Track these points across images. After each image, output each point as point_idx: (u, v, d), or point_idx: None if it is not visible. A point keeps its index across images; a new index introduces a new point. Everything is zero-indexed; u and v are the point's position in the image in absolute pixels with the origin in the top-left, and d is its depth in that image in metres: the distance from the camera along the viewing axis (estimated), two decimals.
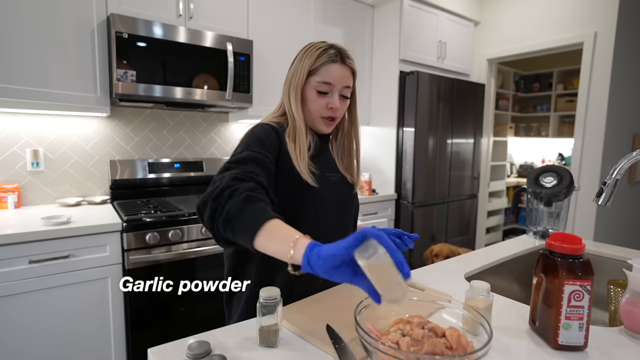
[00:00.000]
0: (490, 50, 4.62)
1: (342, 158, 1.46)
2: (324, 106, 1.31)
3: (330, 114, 1.33)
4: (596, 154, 3.72)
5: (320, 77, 1.30)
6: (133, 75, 2.45)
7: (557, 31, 4.00)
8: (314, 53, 1.31)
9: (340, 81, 1.31)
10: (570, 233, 0.97)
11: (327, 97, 1.31)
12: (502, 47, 4.50)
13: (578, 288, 0.91)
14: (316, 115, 1.33)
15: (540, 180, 1.95)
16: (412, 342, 0.81)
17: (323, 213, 1.31)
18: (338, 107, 1.32)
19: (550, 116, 6.28)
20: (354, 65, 1.35)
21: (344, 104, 1.36)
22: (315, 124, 1.36)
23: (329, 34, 3.65)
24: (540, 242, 1.97)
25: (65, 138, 2.76)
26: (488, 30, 4.62)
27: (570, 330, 0.93)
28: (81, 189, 2.86)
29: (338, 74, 1.30)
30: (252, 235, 0.87)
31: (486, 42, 4.65)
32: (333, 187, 1.36)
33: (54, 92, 2.35)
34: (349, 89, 1.35)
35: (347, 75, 1.33)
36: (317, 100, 1.31)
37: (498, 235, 5.79)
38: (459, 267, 1.58)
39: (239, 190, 0.94)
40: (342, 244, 0.75)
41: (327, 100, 1.31)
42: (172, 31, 2.57)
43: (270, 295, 0.93)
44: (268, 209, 0.93)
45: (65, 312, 2.15)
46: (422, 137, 3.80)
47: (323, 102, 1.31)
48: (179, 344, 0.94)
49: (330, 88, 1.30)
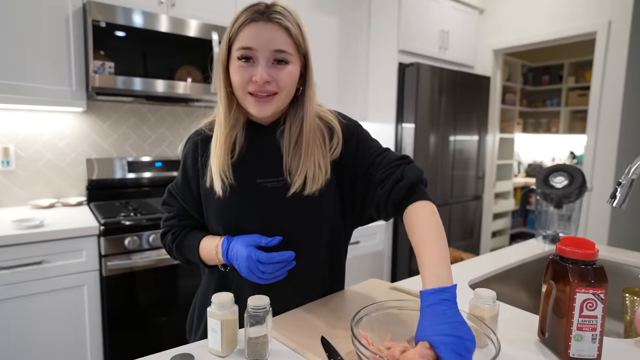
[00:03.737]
0: (496, 40, 4.63)
1: (292, 156, 1.15)
2: (248, 79, 1.06)
3: (257, 88, 1.06)
4: (610, 152, 3.74)
5: (239, 42, 1.06)
6: (111, 67, 2.43)
7: (568, 20, 4.02)
8: (234, 18, 1.09)
9: (265, 43, 1.05)
10: (582, 237, 0.97)
11: (252, 66, 1.06)
12: (509, 36, 4.52)
13: (591, 296, 0.91)
14: (242, 94, 1.09)
15: (550, 181, 1.96)
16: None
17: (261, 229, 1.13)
18: (265, 78, 1.04)
19: (561, 111, 6.31)
20: (287, 21, 1.07)
21: (283, 73, 1.08)
22: (246, 107, 1.12)
23: (322, 22, 3.64)
24: (550, 247, 1.98)
25: (37, 135, 2.75)
26: (493, 18, 4.63)
27: (582, 342, 0.93)
28: (55, 190, 2.84)
29: (261, 34, 1.05)
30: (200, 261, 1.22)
31: (492, 32, 4.66)
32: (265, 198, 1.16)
33: (26, 85, 2.33)
34: (284, 54, 1.07)
35: (276, 35, 1.06)
36: (240, 72, 1.07)
37: (504, 240, 5.81)
38: (463, 273, 1.59)
39: (168, 246, 1.29)
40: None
41: (252, 70, 1.06)
42: (153, 20, 2.56)
43: (259, 304, 0.92)
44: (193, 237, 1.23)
45: (38, 321, 2.13)
46: (422, 134, 3.80)
47: (247, 73, 1.06)
48: (161, 356, 0.93)
49: (254, 54, 1.05)
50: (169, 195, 1.29)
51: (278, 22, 1.06)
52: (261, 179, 1.15)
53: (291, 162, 1.14)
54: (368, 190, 1.17)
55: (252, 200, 1.14)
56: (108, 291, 2.28)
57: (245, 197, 1.14)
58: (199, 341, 1.02)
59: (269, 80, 1.06)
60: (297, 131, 1.15)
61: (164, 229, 1.29)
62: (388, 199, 1.10)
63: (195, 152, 1.20)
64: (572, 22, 3.99)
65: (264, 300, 0.93)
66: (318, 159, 1.14)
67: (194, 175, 1.20)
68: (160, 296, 2.44)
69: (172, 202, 1.28)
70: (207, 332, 0.95)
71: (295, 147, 1.14)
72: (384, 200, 1.11)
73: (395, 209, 1.11)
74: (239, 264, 1.07)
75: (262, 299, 0.94)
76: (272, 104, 1.09)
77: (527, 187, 3.03)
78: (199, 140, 1.22)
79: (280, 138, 1.17)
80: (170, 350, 0.96)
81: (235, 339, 0.96)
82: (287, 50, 1.07)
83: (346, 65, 3.90)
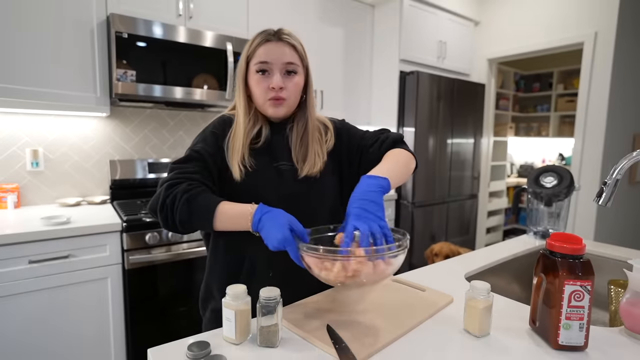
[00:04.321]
0: (491, 50, 4.62)
1: (298, 148, 1.34)
2: (266, 88, 1.26)
3: (274, 94, 1.26)
4: (596, 154, 3.72)
5: (257, 58, 1.25)
6: (133, 75, 2.45)
7: (558, 31, 4.00)
8: (250, 40, 1.29)
9: (278, 58, 1.25)
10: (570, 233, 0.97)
11: (268, 77, 1.26)
12: (503, 46, 4.50)
13: (578, 288, 0.91)
14: (262, 100, 1.28)
15: (541, 180, 1.95)
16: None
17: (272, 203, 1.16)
18: (280, 85, 1.24)
19: (551, 116, 6.28)
20: (293, 40, 1.29)
21: (291, 81, 1.28)
22: (265, 110, 1.30)
23: (328, 33, 3.65)
24: (540, 242, 1.97)
25: (64, 138, 2.76)
26: (488, 30, 4.62)
27: (570, 330, 0.93)
28: (81, 189, 2.86)
29: (274, 51, 1.25)
30: (210, 225, 1.10)
31: (486, 42, 4.65)
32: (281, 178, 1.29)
33: (54, 92, 2.34)
34: (293, 65, 1.28)
35: (286, 51, 1.27)
36: (260, 84, 1.26)
37: (498, 236, 5.80)
38: (460, 267, 1.58)
39: (178, 196, 1.10)
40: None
41: (269, 81, 1.25)
42: (172, 31, 2.57)
43: (270, 295, 0.93)
44: (210, 197, 1.12)
45: (65, 312, 2.15)
46: (422, 137, 3.80)
47: (265, 84, 1.26)
48: (179, 344, 0.94)
49: (269, 67, 1.25)
50: (189, 157, 1.21)
51: (287, 41, 1.27)
52: (276, 163, 1.31)
53: (298, 152, 1.33)
54: (363, 155, 1.38)
55: (272, 178, 1.28)
56: (130, 283, 2.29)
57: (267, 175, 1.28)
58: (214, 330, 1.02)
59: (283, 86, 1.25)
60: (302, 129, 1.35)
61: (178, 179, 1.14)
62: (379, 151, 1.34)
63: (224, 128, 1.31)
64: (561, 33, 3.97)
65: (274, 292, 0.94)
66: (317, 149, 1.34)
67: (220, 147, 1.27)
68: (179, 288, 2.44)
69: (194, 163, 1.20)
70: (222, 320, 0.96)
71: (301, 141, 1.34)
72: (376, 154, 1.33)
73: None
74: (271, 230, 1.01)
75: (273, 291, 0.94)
76: (284, 107, 1.29)
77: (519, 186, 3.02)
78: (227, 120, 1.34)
79: (289, 133, 1.36)
80: (188, 338, 0.97)
81: (248, 327, 0.97)
82: (295, 62, 1.28)
83: (351, 73, 3.90)
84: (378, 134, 1.41)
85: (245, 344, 0.95)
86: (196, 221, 1.10)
